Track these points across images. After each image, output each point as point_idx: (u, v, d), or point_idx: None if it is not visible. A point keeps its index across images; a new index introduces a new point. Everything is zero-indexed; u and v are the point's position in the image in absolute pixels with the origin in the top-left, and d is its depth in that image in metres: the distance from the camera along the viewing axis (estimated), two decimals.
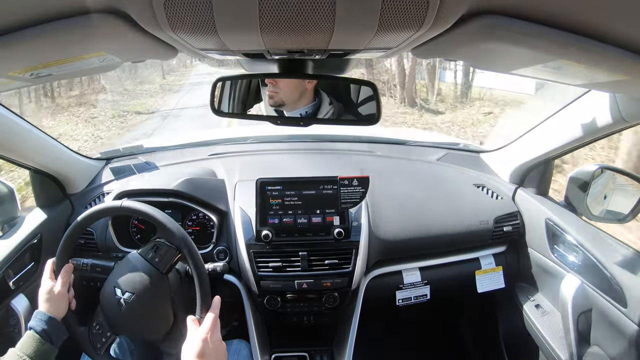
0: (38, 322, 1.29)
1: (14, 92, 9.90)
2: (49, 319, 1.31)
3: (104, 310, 1.41)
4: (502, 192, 2.11)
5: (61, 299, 1.37)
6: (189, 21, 0.69)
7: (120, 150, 2.34)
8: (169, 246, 1.41)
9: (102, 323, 1.42)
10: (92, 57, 0.88)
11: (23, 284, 1.73)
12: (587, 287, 1.67)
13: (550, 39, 0.71)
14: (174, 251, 1.41)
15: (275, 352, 1.93)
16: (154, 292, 1.39)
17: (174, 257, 1.42)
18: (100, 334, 1.41)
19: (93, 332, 1.42)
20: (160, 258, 1.41)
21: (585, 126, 1.59)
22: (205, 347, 1.25)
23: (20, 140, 1.65)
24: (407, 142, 2.55)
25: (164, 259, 1.41)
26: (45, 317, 1.31)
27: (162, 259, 1.41)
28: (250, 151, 2.38)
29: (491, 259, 2.04)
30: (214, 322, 1.33)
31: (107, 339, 1.42)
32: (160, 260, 1.41)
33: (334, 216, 1.81)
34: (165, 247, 1.41)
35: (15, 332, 1.70)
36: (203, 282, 1.39)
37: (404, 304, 1.96)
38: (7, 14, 0.68)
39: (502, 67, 1.05)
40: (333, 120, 1.52)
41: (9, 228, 1.80)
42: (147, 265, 1.40)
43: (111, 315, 1.40)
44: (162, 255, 1.41)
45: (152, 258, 1.41)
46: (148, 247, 1.44)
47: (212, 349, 1.27)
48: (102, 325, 1.42)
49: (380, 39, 0.76)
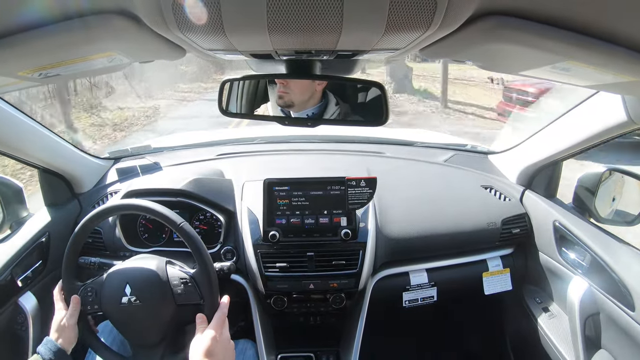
0: (47, 350, 1.31)
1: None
2: (58, 351, 1.32)
3: (104, 291, 1.43)
4: (510, 193, 2.12)
5: (70, 330, 1.39)
6: (197, 22, 0.69)
7: (128, 150, 2.37)
8: (197, 290, 1.41)
9: (94, 293, 1.44)
10: (100, 58, 0.90)
11: (31, 282, 1.76)
12: (595, 290, 1.67)
13: (558, 40, 0.71)
14: (199, 298, 1.40)
15: (281, 352, 1.95)
16: (159, 314, 1.41)
17: (194, 300, 1.41)
18: (91, 301, 1.43)
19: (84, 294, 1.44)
20: (183, 293, 1.41)
21: (594, 128, 1.59)
22: (214, 345, 1.26)
23: (29, 139, 1.67)
24: (415, 143, 2.55)
25: (185, 297, 1.41)
26: (55, 347, 1.32)
27: (183, 295, 1.41)
28: (258, 151, 2.40)
29: (498, 261, 2.04)
30: (222, 321, 1.35)
31: (92, 311, 1.44)
32: (181, 295, 1.41)
33: (341, 217, 1.82)
34: (193, 289, 1.41)
35: (22, 329, 1.73)
36: (212, 281, 1.41)
37: (410, 305, 1.97)
38: (17, 14, 0.69)
39: (510, 68, 1.05)
40: (340, 121, 1.52)
41: (17, 226, 1.81)
42: (167, 289, 1.41)
43: (108, 301, 1.41)
44: (186, 293, 1.41)
45: (176, 286, 1.42)
46: (180, 273, 1.45)
47: (221, 347, 1.28)
48: (94, 296, 1.44)
49: (388, 39, 0.77)
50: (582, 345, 1.69)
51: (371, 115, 1.35)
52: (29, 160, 1.74)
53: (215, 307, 1.38)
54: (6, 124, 1.54)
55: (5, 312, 1.68)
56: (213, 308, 1.37)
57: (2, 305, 1.66)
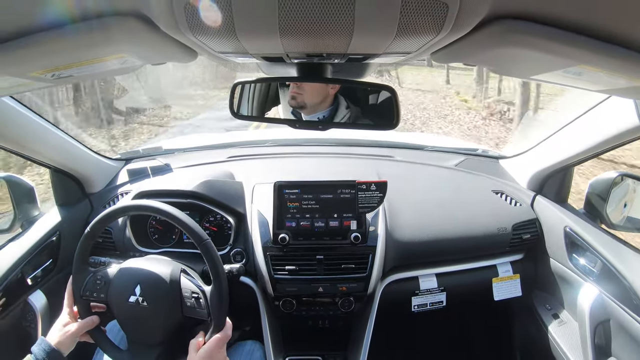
0: (41, 351, 1.31)
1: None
2: (52, 351, 1.33)
3: (113, 284, 1.44)
4: (521, 199, 2.12)
5: (72, 338, 1.39)
6: (209, 24, 0.70)
7: (139, 151, 2.40)
8: (206, 307, 1.40)
9: (103, 283, 1.45)
10: (113, 59, 0.90)
11: (40, 280, 1.79)
12: (606, 297, 1.67)
13: (571, 44, 0.71)
14: (207, 315, 1.39)
15: (289, 354, 1.97)
16: (164, 320, 1.41)
17: (202, 316, 1.40)
18: (98, 289, 1.44)
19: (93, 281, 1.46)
20: (192, 307, 1.41)
21: (606, 133, 1.59)
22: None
23: (41, 139, 1.70)
24: (425, 147, 2.56)
25: (193, 310, 1.40)
26: (49, 348, 1.33)
27: (192, 308, 1.41)
28: (269, 154, 2.42)
29: (508, 267, 2.04)
30: (223, 342, 1.36)
31: (97, 299, 1.45)
32: (189, 308, 1.41)
33: (351, 220, 1.84)
34: (204, 305, 1.40)
35: (31, 327, 1.77)
36: (223, 302, 1.39)
37: (419, 310, 1.98)
38: (31, 15, 0.70)
39: (521, 73, 1.05)
40: (351, 124, 1.53)
41: (28, 225, 1.83)
42: (177, 299, 1.41)
43: (115, 296, 1.42)
44: (195, 307, 1.40)
45: (187, 298, 1.41)
46: (193, 286, 1.44)
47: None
48: (102, 285, 1.45)
49: (400, 43, 0.77)
50: (592, 352, 1.68)
51: (382, 118, 1.35)
52: (41, 160, 1.77)
53: (219, 328, 1.37)
54: (19, 125, 1.57)
55: (15, 309, 1.72)
56: (217, 329, 1.37)
57: (12, 303, 1.69)
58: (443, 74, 18.19)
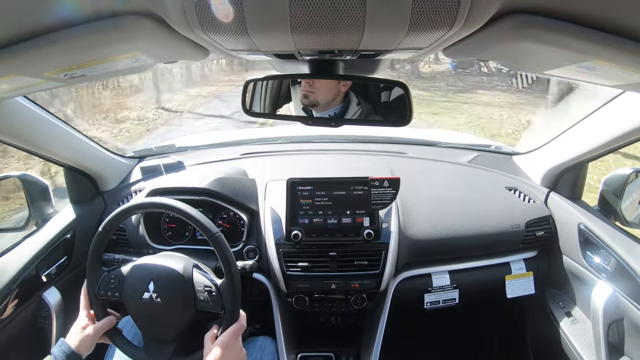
0: (61, 353, 1.34)
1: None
2: (72, 354, 1.35)
3: (127, 282, 1.46)
4: (535, 195, 2.12)
5: (91, 341, 1.42)
6: (220, 22, 0.70)
7: (152, 149, 2.43)
8: (219, 301, 1.42)
9: (117, 281, 1.47)
10: (125, 58, 0.92)
11: (55, 277, 1.83)
12: (620, 295, 1.67)
13: (584, 38, 0.71)
14: (220, 308, 1.42)
15: (302, 351, 1.99)
16: (178, 315, 1.44)
17: (215, 310, 1.42)
18: (112, 288, 1.47)
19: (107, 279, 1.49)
20: (205, 301, 1.43)
21: (620, 128, 1.59)
22: (225, 353, 1.31)
23: (55, 138, 1.73)
24: (439, 143, 2.56)
25: (207, 304, 1.43)
26: (69, 350, 1.35)
27: (205, 302, 1.43)
28: (282, 151, 2.45)
29: (522, 264, 2.04)
30: (238, 332, 1.39)
31: (112, 298, 1.47)
32: (202, 302, 1.43)
33: (364, 217, 1.86)
34: (217, 298, 1.43)
35: (46, 323, 1.81)
36: (236, 295, 1.42)
37: (432, 307, 1.99)
38: (44, 15, 0.71)
39: (534, 68, 1.05)
40: (364, 121, 1.54)
41: (42, 223, 1.86)
42: (190, 293, 1.44)
43: (130, 293, 1.45)
44: (208, 300, 1.43)
45: (200, 292, 1.44)
46: (206, 280, 1.46)
47: (232, 355, 1.33)
48: (116, 284, 1.47)
49: (411, 39, 0.78)
50: (605, 351, 1.69)
51: (395, 115, 1.35)
52: (55, 158, 1.81)
53: (233, 320, 1.40)
54: (33, 124, 1.60)
55: (30, 305, 1.76)
56: (231, 321, 1.39)
57: (27, 300, 1.74)
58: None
